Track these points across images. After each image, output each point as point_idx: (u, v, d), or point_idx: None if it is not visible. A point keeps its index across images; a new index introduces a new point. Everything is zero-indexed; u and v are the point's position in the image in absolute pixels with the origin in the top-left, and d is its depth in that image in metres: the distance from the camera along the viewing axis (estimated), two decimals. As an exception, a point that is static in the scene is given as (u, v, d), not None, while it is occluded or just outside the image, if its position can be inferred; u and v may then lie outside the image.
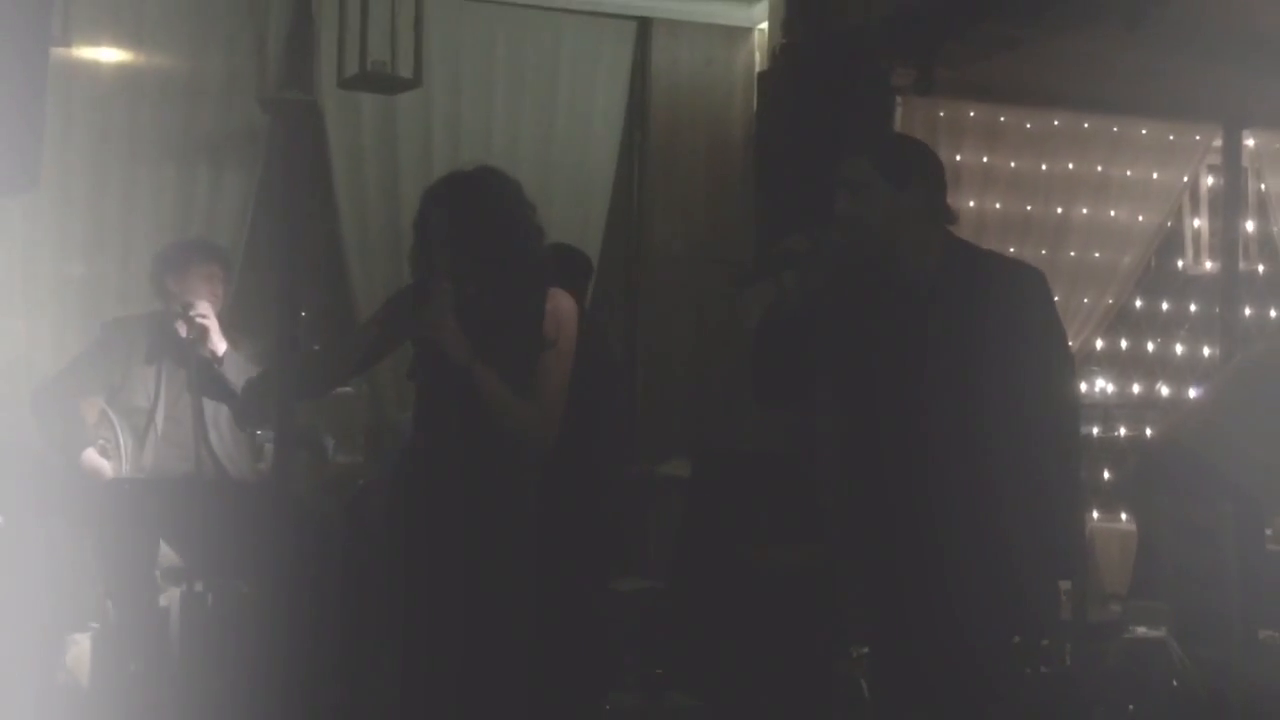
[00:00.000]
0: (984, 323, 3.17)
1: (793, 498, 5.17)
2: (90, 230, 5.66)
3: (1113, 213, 6.30)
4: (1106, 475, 6.52)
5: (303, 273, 6.03)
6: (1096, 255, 6.24)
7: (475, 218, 3.40)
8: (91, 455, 4.66)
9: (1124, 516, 6.21)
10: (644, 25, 6.40)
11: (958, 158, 5.81)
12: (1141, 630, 4.25)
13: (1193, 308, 6.92)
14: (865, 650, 4.62)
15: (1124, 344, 6.75)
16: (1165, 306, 6.90)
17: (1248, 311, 6.69)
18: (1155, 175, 6.35)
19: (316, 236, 6.05)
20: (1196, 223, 6.66)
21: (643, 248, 6.43)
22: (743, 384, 6.08)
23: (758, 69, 6.11)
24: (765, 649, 4.70)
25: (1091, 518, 5.97)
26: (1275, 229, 6.52)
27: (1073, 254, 6.16)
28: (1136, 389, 6.75)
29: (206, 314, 4.58)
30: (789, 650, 4.66)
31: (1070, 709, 4.35)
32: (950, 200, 3.37)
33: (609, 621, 4.73)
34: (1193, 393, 6.62)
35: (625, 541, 5.34)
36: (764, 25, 6.21)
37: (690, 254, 6.32)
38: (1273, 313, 6.84)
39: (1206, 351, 6.75)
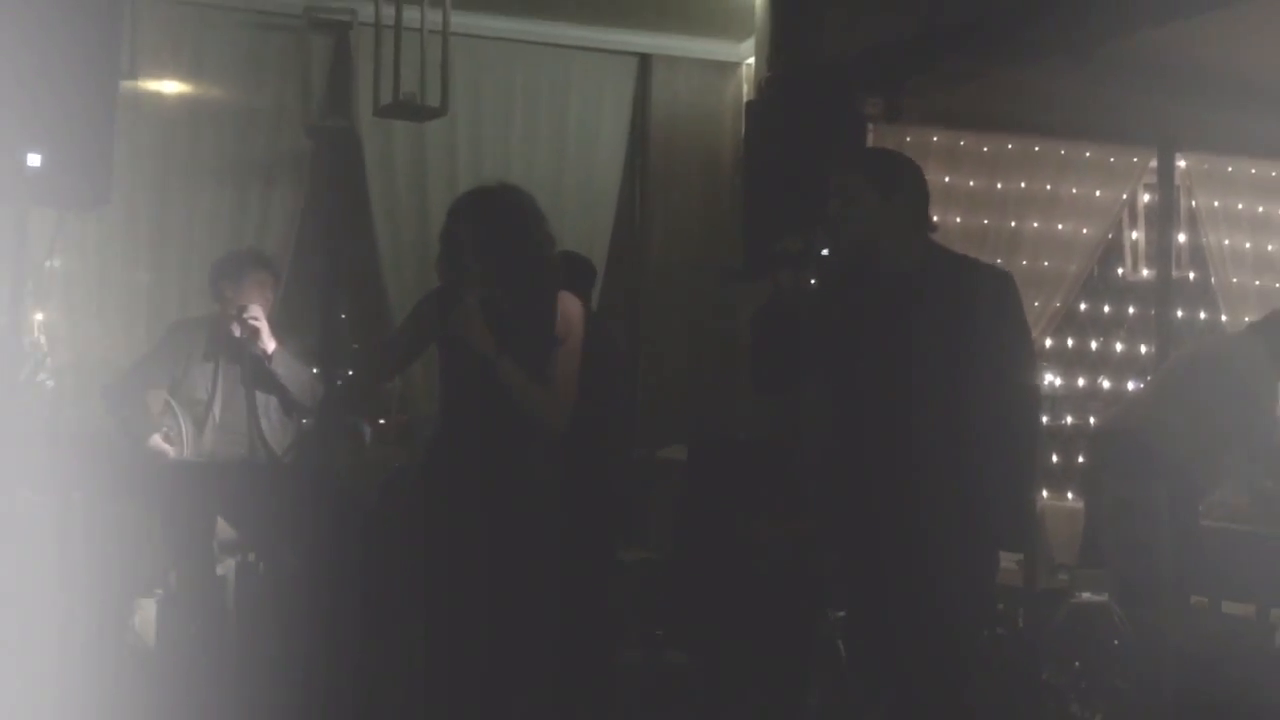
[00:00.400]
0: (959, 318, 3.16)
1: (778, 479, 5.17)
2: (155, 242, 5.68)
3: (1060, 226, 6.30)
4: (1054, 459, 6.53)
5: (342, 279, 6.06)
6: (1046, 264, 6.23)
7: (497, 226, 3.42)
8: (157, 440, 4.66)
9: (1070, 495, 6.22)
10: (644, 61, 6.40)
11: (923, 177, 5.81)
12: (1086, 595, 4.24)
13: (1131, 310, 6.92)
14: (842, 614, 4.62)
15: (1070, 343, 6.76)
16: (1106, 309, 6.90)
17: (1179, 314, 6.71)
18: (1098, 193, 6.34)
19: (355, 247, 6.05)
20: (1134, 235, 6.66)
21: (643, 257, 6.44)
22: (733, 377, 6.12)
23: (745, 99, 6.10)
24: (753, 613, 4.69)
25: (1042, 496, 5.96)
26: (1204, 240, 6.53)
27: (1024, 263, 6.16)
28: (1081, 383, 6.76)
29: (258, 316, 4.58)
30: (774, 614, 4.66)
31: (1022, 666, 4.36)
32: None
33: (614, 587, 4.74)
34: (1131, 386, 6.63)
35: (629, 517, 5.34)
36: (751, 60, 6.20)
37: (686, 262, 6.33)
38: (1202, 314, 6.86)
39: (1143, 349, 6.75)
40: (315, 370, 4.79)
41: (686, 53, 6.41)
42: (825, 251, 3.26)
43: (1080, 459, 6.21)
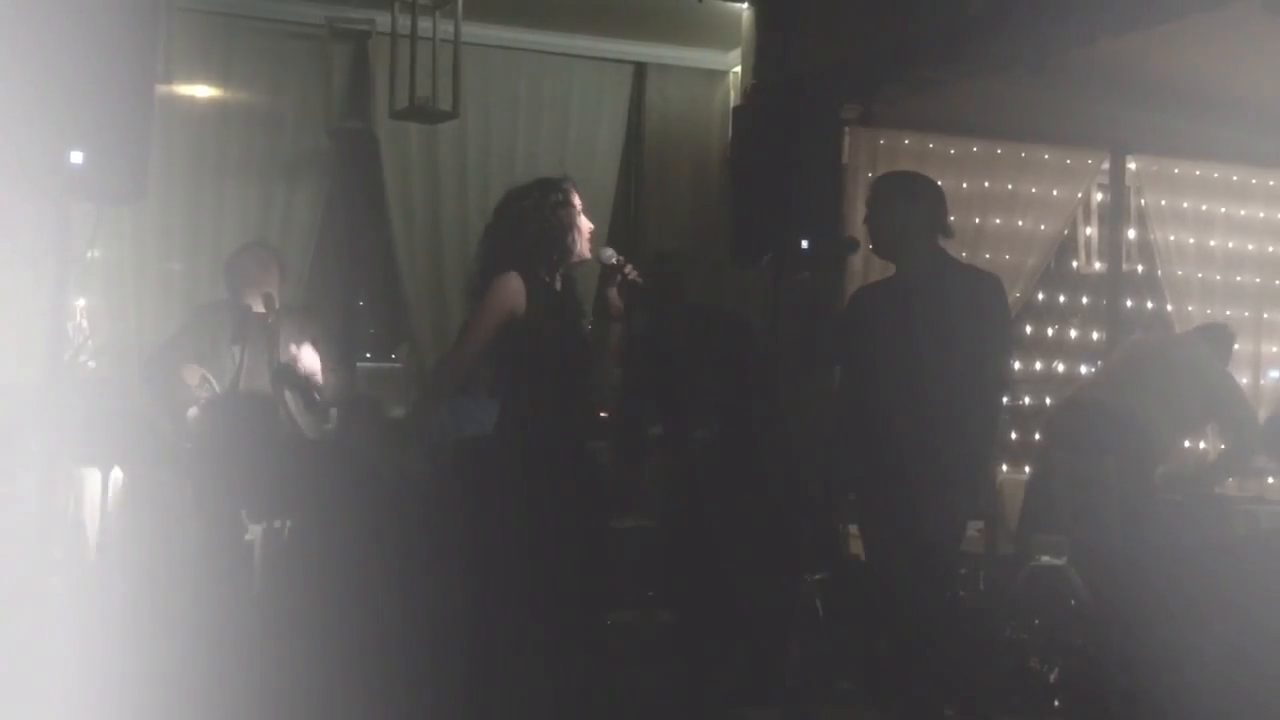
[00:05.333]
0: (956, 315, 3.43)
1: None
2: (187, 234, 5.64)
3: (1020, 223, 6.27)
4: (1014, 435, 6.54)
5: (360, 268, 6.05)
6: (1007, 257, 6.20)
7: None
8: (195, 412, 4.61)
9: (1027, 469, 6.22)
10: (640, 68, 6.37)
11: (894, 177, 5.80)
12: (1046, 559, 4.26)
13: (1084, 300, 6.92)
14: (819, 577, 4.62)
15: (1029, 330, 6.75)
16: (1062, 299, 6.90)
17: (1129, 303, 6.71)
18: (1055, 192, 6.32)
19: (372, 239, 6.03)
20: (1088, 231, 6.65)
21: (639, 248, 6.40)
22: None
23: (732, 104, 6.08)
24: (740, 573, 4.65)
25: (1002, 470, 5.97)
26: (1152, 236, 6.52)
27: (988, 256, 6.13)
28: (1038, 366, 6.77)
29: (269, 305, 4.54)
30: (759, 575, 4.63)
31: (986, 625, 4.36)
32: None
33: (610, 551, 4.72)
34: (1084, 369, 6.64)
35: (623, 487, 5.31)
36: (738, 69, 6.18)
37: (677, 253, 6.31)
38: (1149, 304, 6.85)
39: (1095, 336, 6.76)
40: (337, 369, 4.75)
41: (679, 62, 6.39)
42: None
43: (1037, 436, 6.22)
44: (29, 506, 3.62)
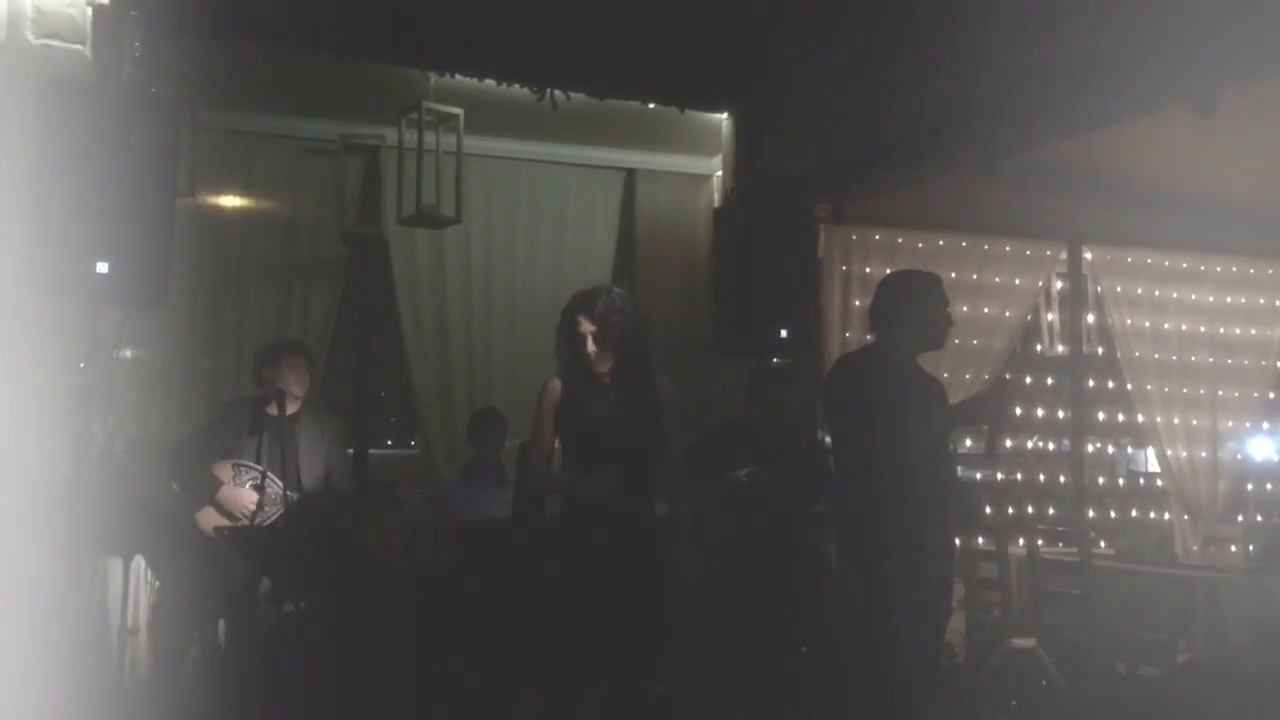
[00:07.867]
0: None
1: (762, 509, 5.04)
2: (213, 333, 5.67)
3: (986, 310, 6.28)
4: (988, 510, 6.48)
5: (373, 363, 6.04)
6: (975, 342, 6.20)
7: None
8: (231, 491, 4.55)
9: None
10: (630, 174, 6.45)
11: (867, 270, 5.82)
12: (1016, 642, 4.17)
13: (1049, 381, 6.91)
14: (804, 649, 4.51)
15: (998, 409, 6.72)
16: (1029, 380, 6.89)
17: (1091, 383, 6.70)
18: (1017, 281, 6.34)
19: (384, 336, 6.05)
20: (1050, 316, 6.65)
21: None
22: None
23: (715, 205, 6.14)
24: (741, 641, 4.55)
25: (976, 544, 5.90)
26: (1109, 320, 6.54)
27: (957, 342, 6.08)
28: (1009, 443, 6.73)
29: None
30: (759, 642, 4.52)
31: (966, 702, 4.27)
32: (860, 304, 3.56)
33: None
34: (1051, 446, 6.59)
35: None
36: (719, 173, 6.25)
37: (667, 344, 6.31)
38: (1110, 384, 6.84)
39: (1060, 414, 6.74)
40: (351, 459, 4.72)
41: (665, 167, 6.46)
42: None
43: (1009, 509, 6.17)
44: (56, 595, 3.59)
